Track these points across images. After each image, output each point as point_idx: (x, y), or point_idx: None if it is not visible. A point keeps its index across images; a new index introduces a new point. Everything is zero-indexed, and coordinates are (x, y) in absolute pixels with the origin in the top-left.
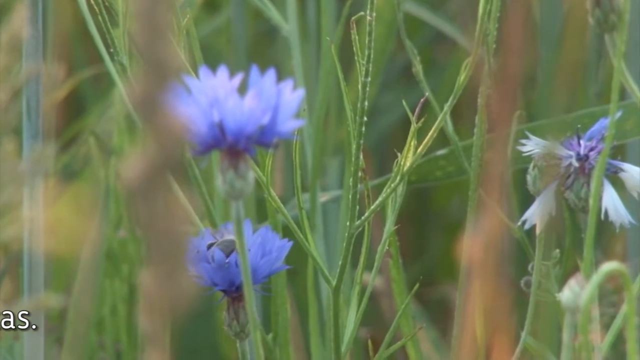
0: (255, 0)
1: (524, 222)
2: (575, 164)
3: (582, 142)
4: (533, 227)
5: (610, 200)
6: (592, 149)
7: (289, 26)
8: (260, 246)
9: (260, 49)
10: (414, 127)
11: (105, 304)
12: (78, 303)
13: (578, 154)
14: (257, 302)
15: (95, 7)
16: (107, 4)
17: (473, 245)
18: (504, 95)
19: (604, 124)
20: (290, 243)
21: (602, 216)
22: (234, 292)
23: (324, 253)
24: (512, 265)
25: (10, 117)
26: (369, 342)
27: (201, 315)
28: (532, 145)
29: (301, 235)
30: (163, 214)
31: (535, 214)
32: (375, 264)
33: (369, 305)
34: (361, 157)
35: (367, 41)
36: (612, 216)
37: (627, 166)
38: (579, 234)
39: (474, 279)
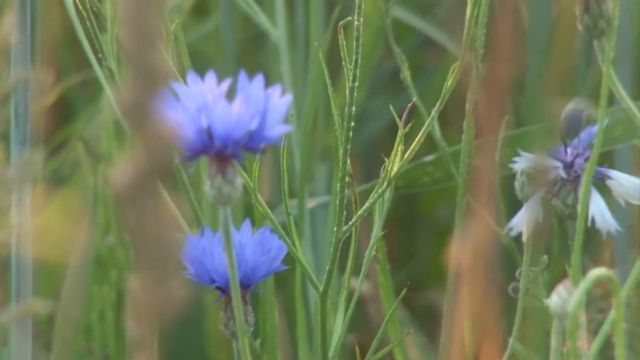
0: (244, 6)
1: (510, 229)
2: (563, 173)
3: (568, 149)
4: (521, 233)
5: (597, 207)
6: (577, 156)
7: (277, 32)
8: (259, 245)
9: (249, 55)
10: (401, 132)
11: (93, 310)
12: (66, 308)
13: (565, 162)
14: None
15: (84, 13)
16: (95, 9)
17: (461, 251)
18: (492, 101)
19: (591, 131)
20: None
21: (589, 223)
22: None
23: (311, 259)
24: (501, 271)
25: None
26: (357, 348)
27: (190, 322)
28: (524, 162)
29: (289, 241)
30: (152, 220)
31: (522, 221)
32: (363, 270)
33: (356, 311)
34: (349, 162)
35: (354, 46)
36: (599, 223)
37: (614, 173)
38: (567, 240)
39: (462, 285)
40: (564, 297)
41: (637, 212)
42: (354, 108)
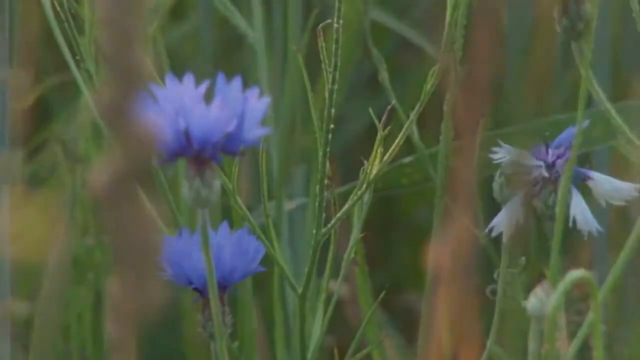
0: (222, 8)
1: (490, 230)
2: (545, 173)
3: (550, 150)
4: (499, 235)
5: (578, 208)
6: (559, 157)
7: (255, 34)
8: (237, 246)
9: (227, 57)
10: (380, 134)
11: (71, 312)
12: (44, 310)
13: (547, 163)
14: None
15: (62, 14)
16: (73, 11)
17: (439, 253)
18: (471, 103)
19: (572, 132)
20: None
21: (570, 224)
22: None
23: (290, 261)
24: (478, 273)
25: None
26: (335, 350)
27: (168, 324)
28: (503, 153)
29: (267, 243)
30: (130, 222)
31: (503, 222)
32: (341, 272)
33: (335, 313)
34: (327, 164)
35: (334, 49)
36: (580, 224)
37: (595, 174)
38: (544, 242)
39: (440, 287)
40: (542, 299)
41: (615, 212)
42: (333, 110)
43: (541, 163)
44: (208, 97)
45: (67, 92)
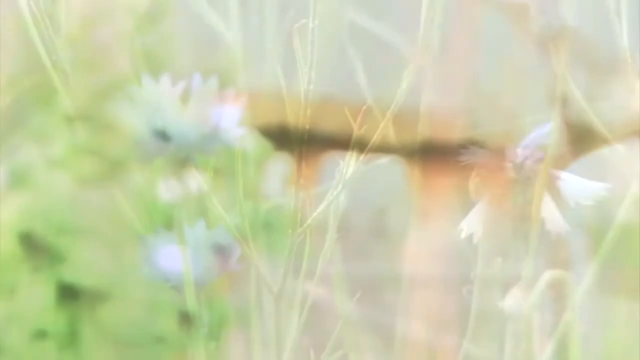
0: (198, 8)
1: (460, 231)
2: (513, 174)
3: (518, 150)
4: (475, 235)
5: (547, 208)
6: (527, 158)
7: (231, 33)
8: (213, 244)
9: (204, 57)
10: (356, 134)
11: (47, 311)
12: (21, 310)
13: (515, 163)
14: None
15: (38, 14)
16: (49, 10)
17: (416, 253)
18: (448, 103)
19: (540, 132)
20: None
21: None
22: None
23: (266, 260)
24: (455, 273)
25: None
26: (311, 351)
27: (144, 324)
28: (471, 154)
29: (244, 243)
30: (109, 221)
31: (474, 222)
32: (318, 272)
33: (311, 314)
34: (303, 164)
35: (309, 49)
36: (550, 225)
37: (564, 174)
38: (521, 242)
39: (417, 287)
40: (518, 299)
41: (591, 213)
42: (309, 110)
43: (509, 164)
44: (185, 97)
45: (43, 92)
